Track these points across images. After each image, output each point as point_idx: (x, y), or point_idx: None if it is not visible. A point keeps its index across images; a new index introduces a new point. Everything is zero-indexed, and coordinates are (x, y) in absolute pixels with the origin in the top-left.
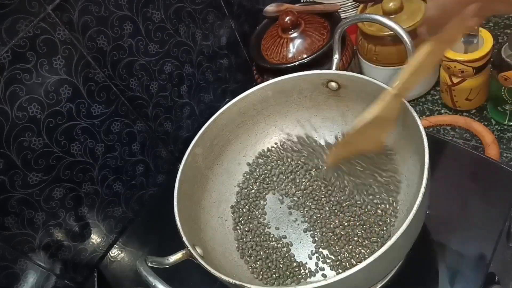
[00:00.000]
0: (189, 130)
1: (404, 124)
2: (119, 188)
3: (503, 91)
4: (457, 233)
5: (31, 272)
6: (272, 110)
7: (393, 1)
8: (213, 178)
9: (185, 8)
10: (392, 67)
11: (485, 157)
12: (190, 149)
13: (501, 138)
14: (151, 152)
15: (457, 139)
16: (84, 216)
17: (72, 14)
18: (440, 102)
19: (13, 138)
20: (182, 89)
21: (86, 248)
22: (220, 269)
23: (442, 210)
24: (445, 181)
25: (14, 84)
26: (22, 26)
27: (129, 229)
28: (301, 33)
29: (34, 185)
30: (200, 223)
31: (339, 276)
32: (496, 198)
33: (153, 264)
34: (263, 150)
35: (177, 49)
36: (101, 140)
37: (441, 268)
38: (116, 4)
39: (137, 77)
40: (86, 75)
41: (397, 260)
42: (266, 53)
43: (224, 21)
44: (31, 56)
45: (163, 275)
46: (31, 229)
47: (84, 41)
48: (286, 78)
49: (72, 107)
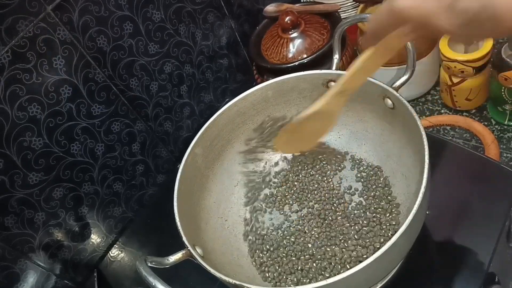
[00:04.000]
0: (189, 130)
1: (404, 124)
2: (119, 188)
3: (503, 91)
4: (457, 233)
5: (31, 272)
6: (272, 110)
7: None
8: (213, 178)
9: (185, 8)
10: (392, 67)
11: (485, 157)
12: (190, 149)
13: (501, 138)
14: (151, 152)
15: (457, 139)
16: (84, 216)
17: (72, 14)
18: (440, 102)
19: (13, 138)
20: (182, 89)
21: (86, 248)
22: (220, 269)
23: (442, 210)
24: (445, 181)
25: (14, 84)
26: (22, 26)
27: (129, 229)
28: (301, 33)
29: (34, 185)
30: (200, 223)
31: (339, 276)
32: (496, 198)
33: (153, 264)
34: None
35: (177, 49)
36: (101, 140)
37: (441, 268)
38: (116, 4)
39: (137, 77)
40: (86, 75)
41: (397, 260)
42: (266, 53)
43: (224, 21)
44: (31, 56)
45: (163, 275)
46: (31, 229)
47: (84, 41)
48: (286, 78)
49: (72, 107)
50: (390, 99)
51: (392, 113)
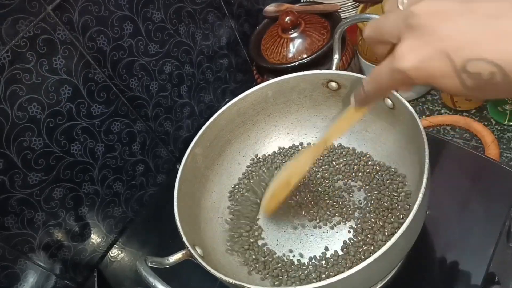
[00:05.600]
0: (189, 130)
1: (404, 124)
2: (119, 188)
3: None
4: (457, 233)
5: (31, 272)
6: (272, 110)
7: None
8: (213, 178)
9: (185, 8)
10: None
11: (485, 157)
12: (190, 149)
13: (501, 138)
14: (151, 152)
15: (457, 139)
16: (84, 216)
17: (72, 14)
18: (440, 102)
19: (13, 138)
20: (182, 89)
21: (86, 248)
22: (220, 269)
23: (442, 210)
24: (445, 181)
25: (14, 84)
26: (22, 26)
27: (129, 229)
28: (301, 33)
29: (34, 185)
30: (200, 223)
31: (339, 276)
32: (496, 198)
33: (153, 264)
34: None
35: (177, 49)
36: (101, 140)
37: (441, 268)
38: (116, 4)
39: (137, 77)
40: (86, 75)
41: (397, 260)
42: (266, 53)
43: (224, 21)
44: (31, 56)
45: (163, 275)
46: (31, 229)
47: (84, 41)
48: (286, 78)
49: (72, 107)
50: (390, 99)
51: (392, 113)
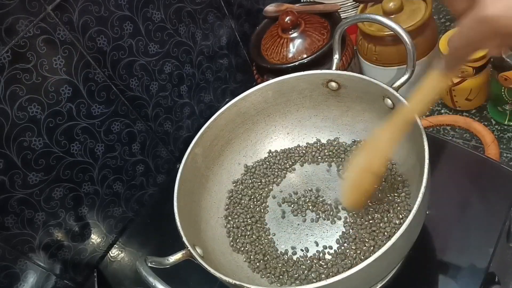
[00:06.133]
0: (189, 130)
1: None
2: (119, 188)
3: (503, 91)
4: (457, 233)
5: (31, 272)
6: (272, 110)
7: (393, 1)
8: (213, 178)
9: (185, 8)
10: (392, 67)
11: (485, 157)
12: (190, 149)
13: (501, 138)
14: (151, 152)
15: (457, 139)
16: (84, 216)
17: (72, 14)
18: (440, 102)
19: (13, 138)
20: (182, 89)
21: (86, 248)
22: (220, 269)
23: (442, 210)
24: (445, 181)
25: (14, 84)
26: (22, 26)
27: (129, 229)
28: (301, 33)
29: (34, 185)
30: (200, 223)
31: (339, 276)
32: (496, 198)
33: (153, 264)
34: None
35: (177, 49)
36: (101, 140)
37: (441, 268)
38: (116, 4)
39: (137, 77)
40: (86, 75)
41: (397, 260)
42: (266, 53)
43: (224, 21)
44: (31, 56)
45: (163, 275)
46: (31, 229)
47: (84, 41)
48: (286, 78)
49: (72, 107)
50: (390, 99)
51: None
